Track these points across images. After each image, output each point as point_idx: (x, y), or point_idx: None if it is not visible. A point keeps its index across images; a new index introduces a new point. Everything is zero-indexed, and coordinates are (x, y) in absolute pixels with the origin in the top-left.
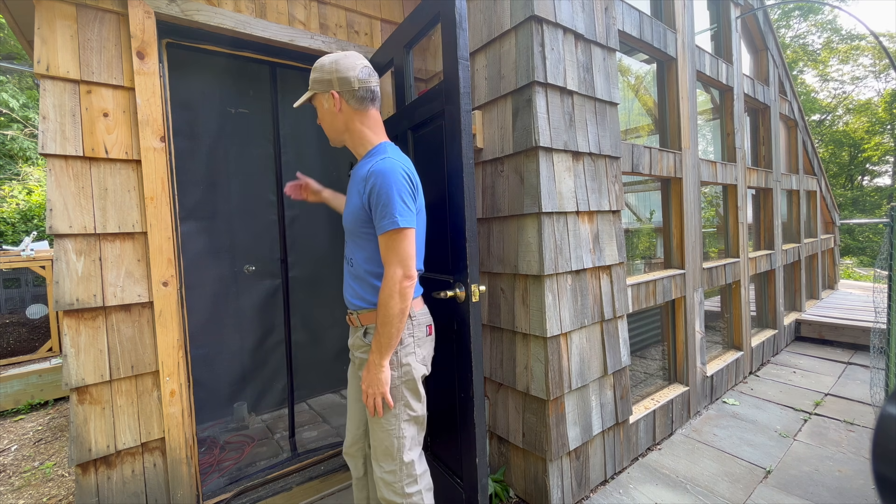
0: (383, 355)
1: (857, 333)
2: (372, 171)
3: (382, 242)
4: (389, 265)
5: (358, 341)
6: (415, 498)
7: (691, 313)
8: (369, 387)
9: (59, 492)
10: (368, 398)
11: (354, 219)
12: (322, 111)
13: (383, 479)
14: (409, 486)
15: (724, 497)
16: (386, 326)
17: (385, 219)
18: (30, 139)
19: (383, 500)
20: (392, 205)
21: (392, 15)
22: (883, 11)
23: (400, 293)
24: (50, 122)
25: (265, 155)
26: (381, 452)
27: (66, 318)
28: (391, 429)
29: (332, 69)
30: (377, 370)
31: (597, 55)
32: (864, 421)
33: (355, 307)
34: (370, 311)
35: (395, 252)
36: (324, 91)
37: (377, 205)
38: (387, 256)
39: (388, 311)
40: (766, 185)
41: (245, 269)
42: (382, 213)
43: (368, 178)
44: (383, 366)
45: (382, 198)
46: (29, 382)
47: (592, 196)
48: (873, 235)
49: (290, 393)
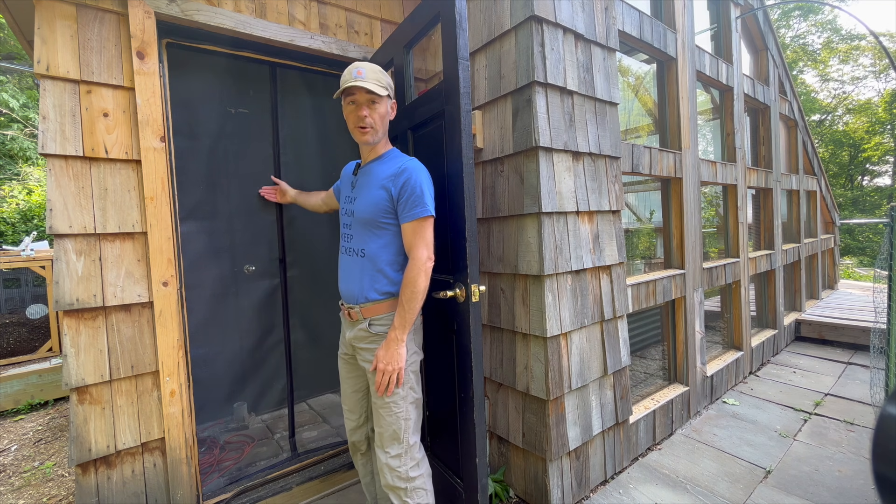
0: (405, 329)
1: (857, 333)
2: (405, 167)
3: (411, 228)
4: (417, 248)
5: (361, 333)
6: (417, 482)
7: (691, 313)
8: (388, 364)
9: (59, 492)
10: (385, 376)
11: (376, 209)
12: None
13: (388, 465)
14: (413, 470)
15: (724, 497)
16: (412, 302)
17: (417, 207)
18: (30, 139)
19: (388, 487)
20: (424, 196)
21: (392, 15)
22: (883, 11)
23: (426, 272)
24: (50, 122)
25: (265, 155)
26: (388, 437)
27: (66, 318)
28: (399, 411)
29: (387, 82)
30: (397, 345)
31: (597, 55)
32: (864, 421)
33: (365, 300)
34: (378, 302)
35: (423, 236)
36: (391, 98)
37: (410, 195)
38: (414, 241)
39: (416, 286)
40: (766, 185)
41: (245, 269)
42: (415, 203)
43: (401, 174)
44: (403, 341)
45: (417, 190)
46: (29, 382)
47: (592, 196)
48: (873, 235)
49: (290, 393)
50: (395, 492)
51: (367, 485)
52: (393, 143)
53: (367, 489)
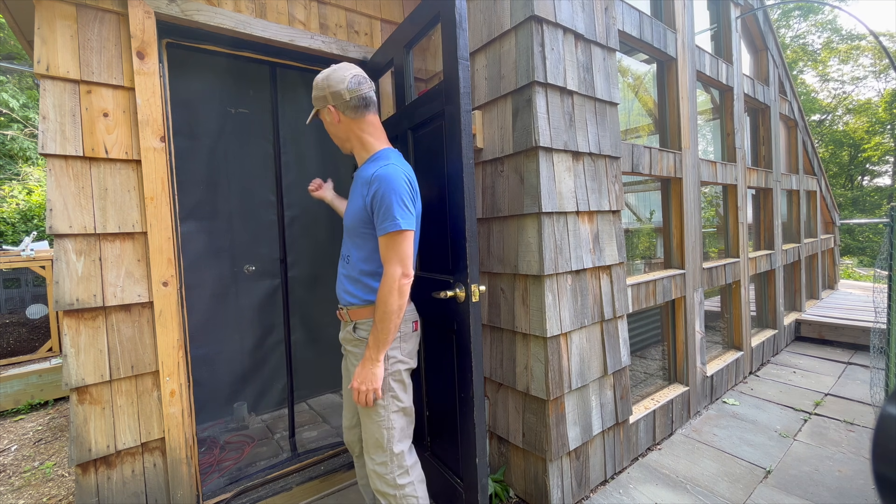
0: (380, 350)
1: (857, 333)
2: (376, 176)
3: (383, 243)
4: (389, 263)
5: (348, 335)
6: (407, 489)
7: (691, 313)
8: (361, 383)
9: (59, 492)
10: (360, 395)
11: (356, 218)
12: (326, 124)
13: (375, 472)
14: (401, 478)
15: (724, 497)
16: (384, 322)
17: (387, 220)
18: (30, 139)
19: (377, 491)
20: (394, 208)
21: (392, 15)
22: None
23: (399, 290)
24: (50, 122)
25: (265, 155)
26: (371, 445)
27: (66, 318)
28: (381, 420)
29: (325, 85)
30: (372, 365)
31: (597, 55)
32: (864, 421)
33: (347, 303)
34: (360, 307)
35: (396, 252)
36: (322, 106)
37: (380, 207)
38: (387, 255)
39: (388, 307)
40: (766, 185)
41: (245, 269)
42: (385, 216)
43: (372, 182)
44: (379, 361)
45: (385, 201)
46: (29, 382)
47: (592, 196)
48: (873, 235)
49: (290, 393)
50: (385, 497)
51: (363, 486)
52: (393, 144)
53: (364, 490)
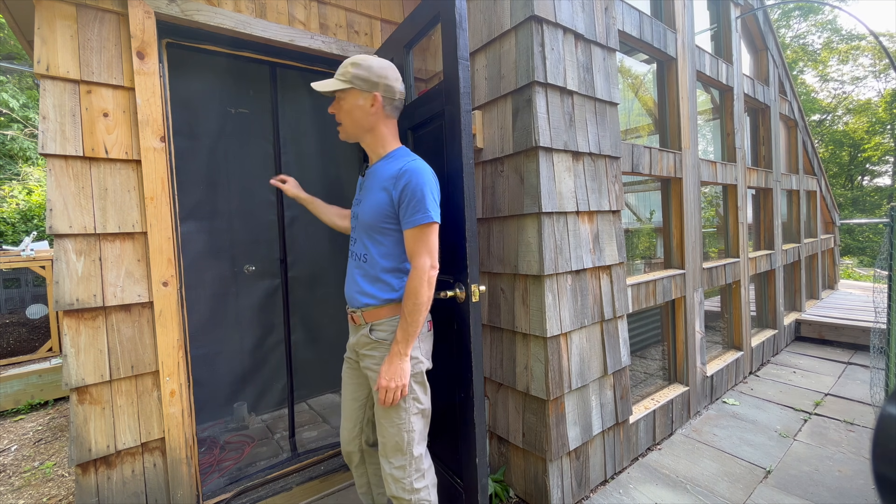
0: (409, 344)
1: (857, 333)
2: (405, 170)
3: (412, 235)
4: (419, 256)
5: (363, 339)
6: (422, 493)
7: (691, 313)
8: (391, 380)
9: (59, 492)
10: (389, 393)
11: (378, 213)
12: (352, 106)
13: (392, 476)
14: (418, 482)
15: (724, 497)
16: (414, 314)
17: (419, 213)
18: (30, 139)
19: (392, 497)
20: (426, 200)
21: (392, 15)
22: (883, 11)
23: (429, 282)
24: (50, 122)
25: (265, 155)
26: (390, 448)
27: (66, 318)
28: (401, 423)
29: (380, 73)
30: (401, 360)
31: (597, 55)
32: (864, 421)
33: (362, 304)
34: (378, 307)
35: (426, 243)
36: (366, 90)
37: (411, 200)
38: (416, 248)
39: (419, 298)
40: (766, 185)
41: (245, 269)
42: (416, 208)
43: (401, 176)
44: (407, 355)
45: (417, 194)
46: (29, 382)
47: (592, 196)
48: (873, 235)
49: (290, 393)
50: (400, 502)
51: (363, 494)
52: None
53: (364, 498)
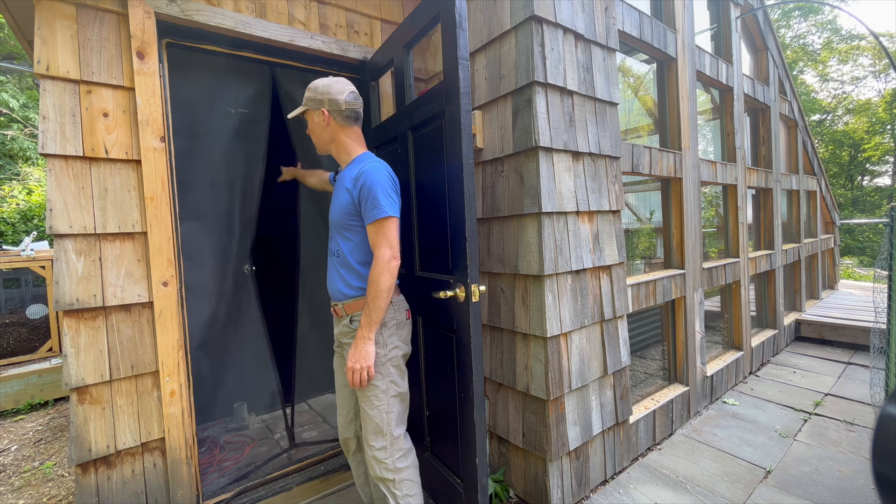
0: (372, 328)
1: (857, 333)
2: (362, 171)
3: (372, 229)
4: (379, 247)
5: (344, 329)
6: (406, 473)
7: (691, 313)
8: (356, 362)
9: (59, 492)
10: (355, 374)
11: (343, 213)
12: (312, 123)
13: (375, 458)
14: (401, 461)
15: (724, 497)
16: (376, 301)
17: (375, 209)
18: (30, 139)
19: (377, 478)
20: (380, 197)
21: (392, 15)
22: (883, 11)
23: (389, 270)
24: (50, 122)
25: (265, 155)
26: (371, 431)
27: (66, 318)
28: (380, 405)
29: (325, 91)
30: (364, 343)
31: (597, 55)
32: (864, 421)
33: (342, 297)
34: (356, 299)
35: (384, 236)
36: (315, 108)
37: (367, 198)
38: (376, 240)
39: (379, 286)
40: (766, 185)
41: (245, 268)
42: (372, 205)
43: (359, 178)
44: (370, 339)
45: (372, 192)
46: (29, 382)
47: (592, 196)
48: (873, 235)
49: (291, 393)
50: (384, 483)
51: (361, 486)
52: (393, 144)
53: (362, 490)
